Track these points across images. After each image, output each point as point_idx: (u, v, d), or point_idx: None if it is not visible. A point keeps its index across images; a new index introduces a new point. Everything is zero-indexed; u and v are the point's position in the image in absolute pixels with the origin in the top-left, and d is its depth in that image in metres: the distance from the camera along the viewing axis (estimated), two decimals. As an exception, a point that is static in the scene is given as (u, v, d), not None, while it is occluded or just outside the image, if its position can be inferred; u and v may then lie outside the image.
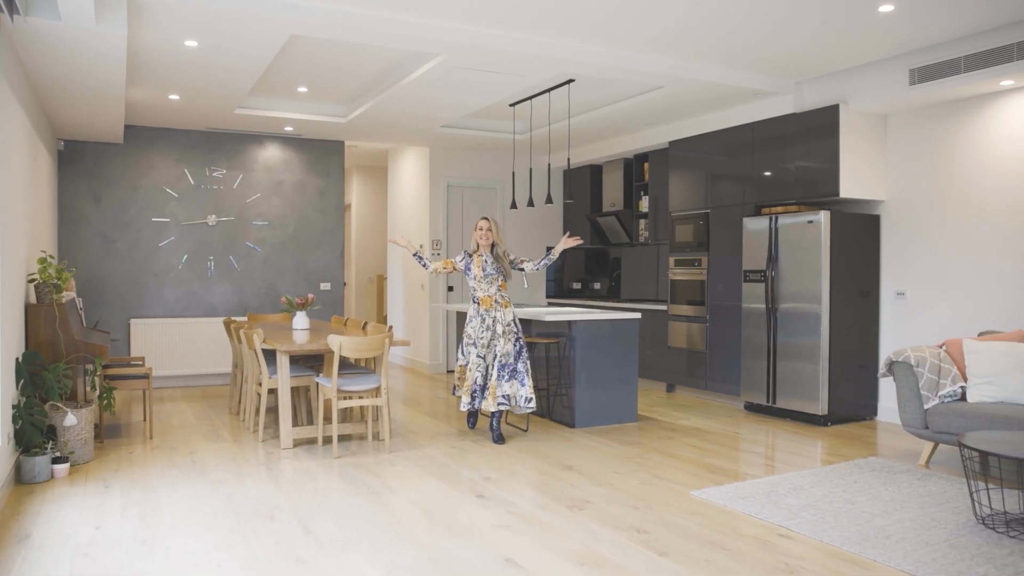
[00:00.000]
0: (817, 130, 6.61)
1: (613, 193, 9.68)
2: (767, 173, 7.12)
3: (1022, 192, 5.76)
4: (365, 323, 6.71)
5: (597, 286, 10.50)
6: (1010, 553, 3.54)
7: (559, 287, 10.54)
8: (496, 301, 5.95)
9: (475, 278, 5.99)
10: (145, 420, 6.17)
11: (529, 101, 7.48)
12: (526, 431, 6.26)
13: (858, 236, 6.64)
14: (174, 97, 7.13)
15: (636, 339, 6.72)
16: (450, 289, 9.98)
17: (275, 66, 6.49)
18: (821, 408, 6.42)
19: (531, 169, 8.19)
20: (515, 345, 5.92)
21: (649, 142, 8.72)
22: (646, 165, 9.14)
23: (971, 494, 4.05)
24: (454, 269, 6.16)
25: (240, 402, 6.87)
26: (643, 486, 4.67)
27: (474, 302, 6.06)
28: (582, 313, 6.53)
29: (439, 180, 9.91)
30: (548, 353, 6.76)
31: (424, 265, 6.28)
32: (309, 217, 9.33)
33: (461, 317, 8.55)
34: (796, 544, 3.68)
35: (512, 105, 7.69)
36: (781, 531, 3.86)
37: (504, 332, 5.87)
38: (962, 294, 6.14)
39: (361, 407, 6.63)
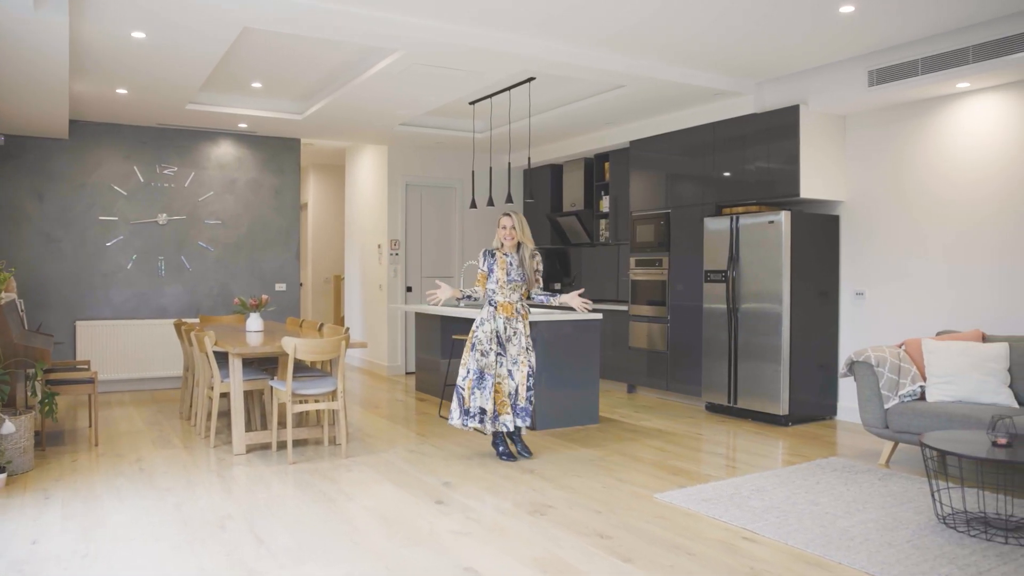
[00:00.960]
0: (778, 130, 6.62)
1: (573, 193, 9.63)
2: (728, 173, 7.11)
3: (977, 193, 5.81)
4: (321, 325, 6.55)
5: (558, 286, 10.43)
6: (971, 553, 3.53)
7: (519, 288, 10.44)
8: (517, 311, 5.29)
9: (497, 281, 5.27)
10: (90, 427, 5.94)
11: (489, 99, 7.38)
12: (487, 434, 6.15)
13: (818, 236, 6.66)
14: (122, 91, 6.88)
15: (598, 340, 6.66)
16: (408, 290, 9.84)
17: (228, 60, 6.30)
18: (782, 408, 6.42)
19: (491, 168, 8.09)
20: (532, 360, 5.34)
21: (610, 142, 8.68)
22: (607, 165, 9.10)
23: (932, 494, 4.04)
24: (484, 278, 5.34)
25: (191, 407, 6.66)
26: (606, 489, 4.60)
27: (490, 305, 5.30)
28: (543, 314, 6.45)
29: (397, 179, 9.75)
30: (509, 354, 6.65)
31: (475, 299, 5.42)
32: (264, 216, 9.12)
33: (421, 318, 8.43)
34: (761, 547, 3.63)
35: (472, 103, 7.58)
36: (745, 534, 3.81)
37: (527, 348, 5.29)
38: (920, 294, 6.18)
39: (317, 411, 6.44)
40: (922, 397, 5.10)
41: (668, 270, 7.74)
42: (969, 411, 4.69)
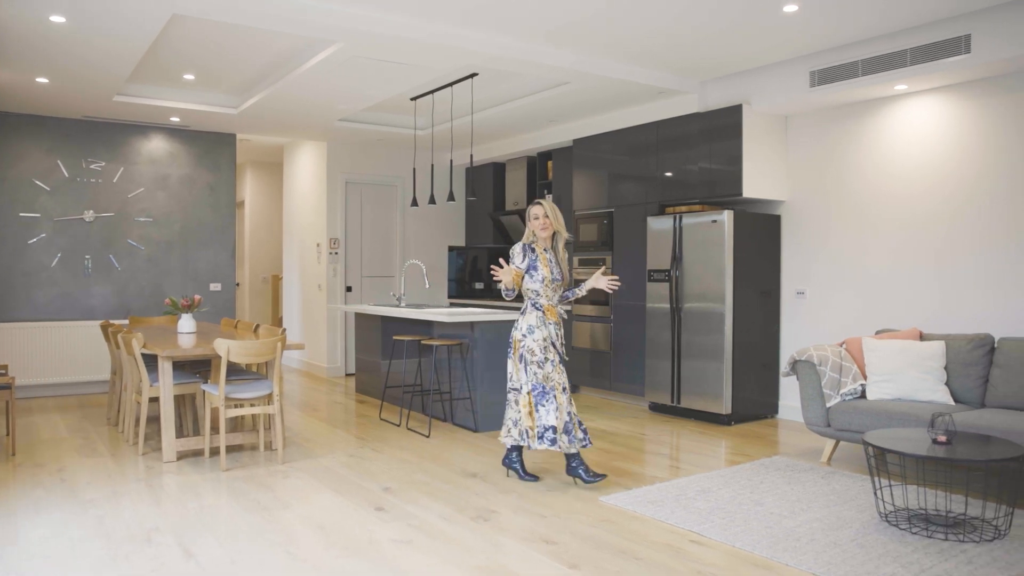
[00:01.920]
0: (721, 130, 6.63)
1: (516, 191, 9.54)
2: (671, 172, 7.10)
3: (915, 195, 5.90)
4: (257, 326, 6.33)
5: (501, 286, 10.31)
6: (914, 551, 3.54)
7: (461, 287, 10.31)
8: (560, 315, 4.78)
9: (543, 281, 4.66)
10: (8, 434, 5.62)
11: (431, 95, 7.24)
12: (428, 437, 6.02)
13: (760, 236, 6.69)
14: (42, 80, 6.54)
15: (541, 340, 6.57)
16: (348, 289, 9.62)
17: (157, 50, 6.03)
18: (725, 407, 6.43)
19: (433, 166, 7.96)
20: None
21: (553, 140, 8.61)
22: (550, 163, 9.04)
23: (875, 492, 4.06)
24: (520, 277, 4.71)
25: (119, 412, 6.37)
26: (550, 492, 4.51)
27: (536, 309, 4.69)
28: (485, 314, 6.34)
29: (337, 176, 9.53)
30: (450, 356, 6.54)
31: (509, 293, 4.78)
32: (198, 214, 8.81)
33: (361, 319, 8.24)
34: (707, 550, 3.58)
35: (413, 99, 7.44)
36: (692, 537, 3.76)
37: (562, 350, 4.76)
38: (859, 293, 6.25)
39: (252, 415, 6.23)
40: (863, 395, 5.14)
41: (611, 269, 7.70)
42: (908, 409, 4.74)
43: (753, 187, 6.51)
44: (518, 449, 4.78)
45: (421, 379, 7.00)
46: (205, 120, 8.19)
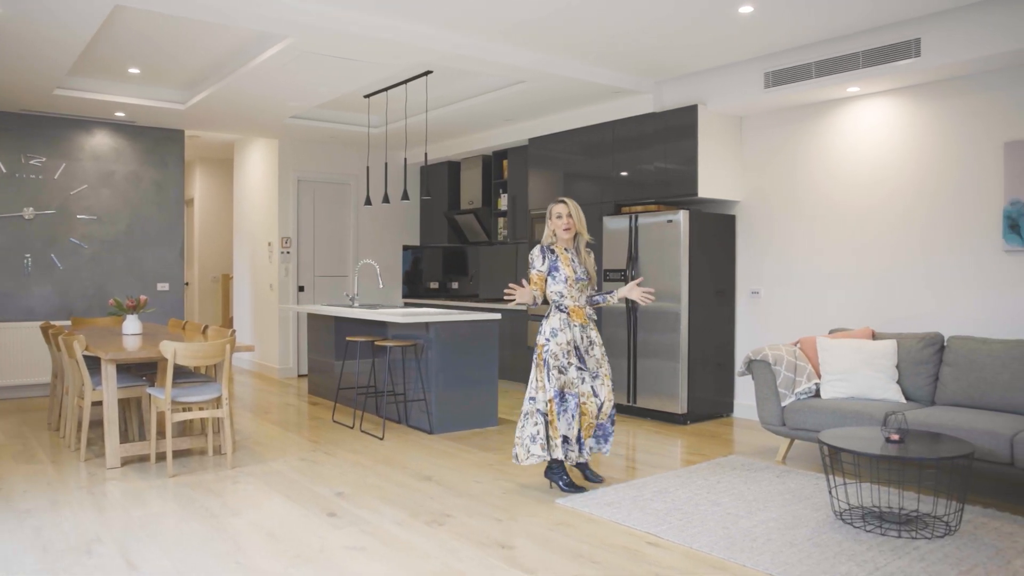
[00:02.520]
0: (676, 130, 6.64)
1: (471, 191, 9.47)
2: (627, 172, 7.10)
3: (867, 195, 5.97)
4: (206, 327, 6.16)
5: (455, 285, 10.26)
6: (868, 549, 3.56)
7: (415, 287, 10.21)
8: (589, 316, 4.61)
9: (566, 281, 4.50)
10: (-59, 441, 5.39)
11: (385, 93, 7.13)
12: (382, 439, 5.92)
13: (715, 236, 6.72)
14: (-22, 73, 6.30)
15: (496, 340, 6.52)
16: (301, 289, 9.45)
17: (101, 42, 5.83)
18: (681, 407, 6.44)
19: (387, 164, 7.84)
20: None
21: (509, 139, 8.56)
22: (505, 162, 8.98)
23: (829, 490, 4.08)
24: (543, 280, 4.55)
25: (60, 417, 6.15)
26: (506, 495, 4.45)
27: (559, 311, 4.51)
28: (439, 314, 6.26)
29: (289, 174, 9.35)
30: (405, 356, 6.44)
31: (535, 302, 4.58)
32: (144, 212, 8.56)
33: (314, 319, 8.10)
34: (665, 552, 3.56)
35: (367, 96, 7.32)
36: (649, 539, 3.73)
37: (604, 357, 4.62)
38: (813, 293, 6.31)
39: (201, 419, 6.06)
40: (817, 394, 5.18)
41: (568, 269, 7.67)
42: (862, 407, 4.78)
43: (708, 187, 6.53)
44: (559, 460, 4.47)
45: (375, 380, 6.90)
46: (152, 115, 7.96)
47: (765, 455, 5.43)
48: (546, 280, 4.51)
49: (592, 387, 4.50)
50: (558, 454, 4.36)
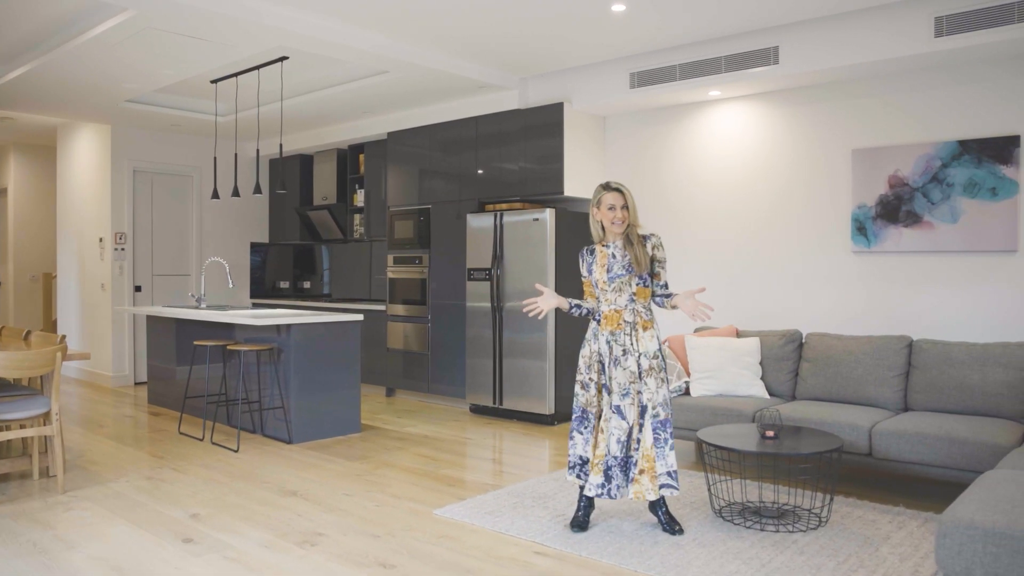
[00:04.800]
0: (542, 128, 6.57)
1: (325, 186, 9.05)
2: (491, 169, 6.97)
3: (726, 197, 6.13)
4: (28, 332, 5.49)
5: (307, 285, 9.79)
6: (751, 545, 3.60)
7: (263, 286, 9.65)
8: (626, 320, 3.81)
9: (596, 283, 3.88)
10: None
11: (235, 78, 6.63)
12: (237, 451, 5.48)
13: (582, 234, 6.65)
14: None
15: (358, 343, 6.22)
16: (138, 289, 8.70)
17: None
18: (548, 407, 6.39)
19: (236, 156, 7.34)
20: (664, 392, 3.82)
21: (366, 132, 8.23)
22: (361, 157, 8.64)
23: (708, 488, 4.11)
24: (590, 285, 3.96)
25: None
26: (380, 508, 4.20)
27: (594, 320, 3.92)
28: (295, 316, 5.89)
29: (123, 164, 8.57)
30: (259, 361, 6.02)
31: (583, 309, 4.02)
32: (-51, 202, 7.58)
33: (153, 322, 7.45)
34: (555, 561, 3.44)
35: (214, 82, 6.79)
36: (536, 548, 3.60)
37: (651, 369, 3.79)
38: (678, 291, 6.40)
39: (23, 439, 5.38)
40: (687, 392, 5.25)
41: (428, 268, 7.46)
42: (730, 404, 4.88)
43: (574, 186, 6.51)
44: (663, 506, 3.86)
45: (226, 388, 6.41)
46: (-42, 93, 7.05)
47: (635, 454, 5.44)
48: (593, 285, 3.91)
49: (617, 407, 3.73)
50: (570, 476, 3.88)
